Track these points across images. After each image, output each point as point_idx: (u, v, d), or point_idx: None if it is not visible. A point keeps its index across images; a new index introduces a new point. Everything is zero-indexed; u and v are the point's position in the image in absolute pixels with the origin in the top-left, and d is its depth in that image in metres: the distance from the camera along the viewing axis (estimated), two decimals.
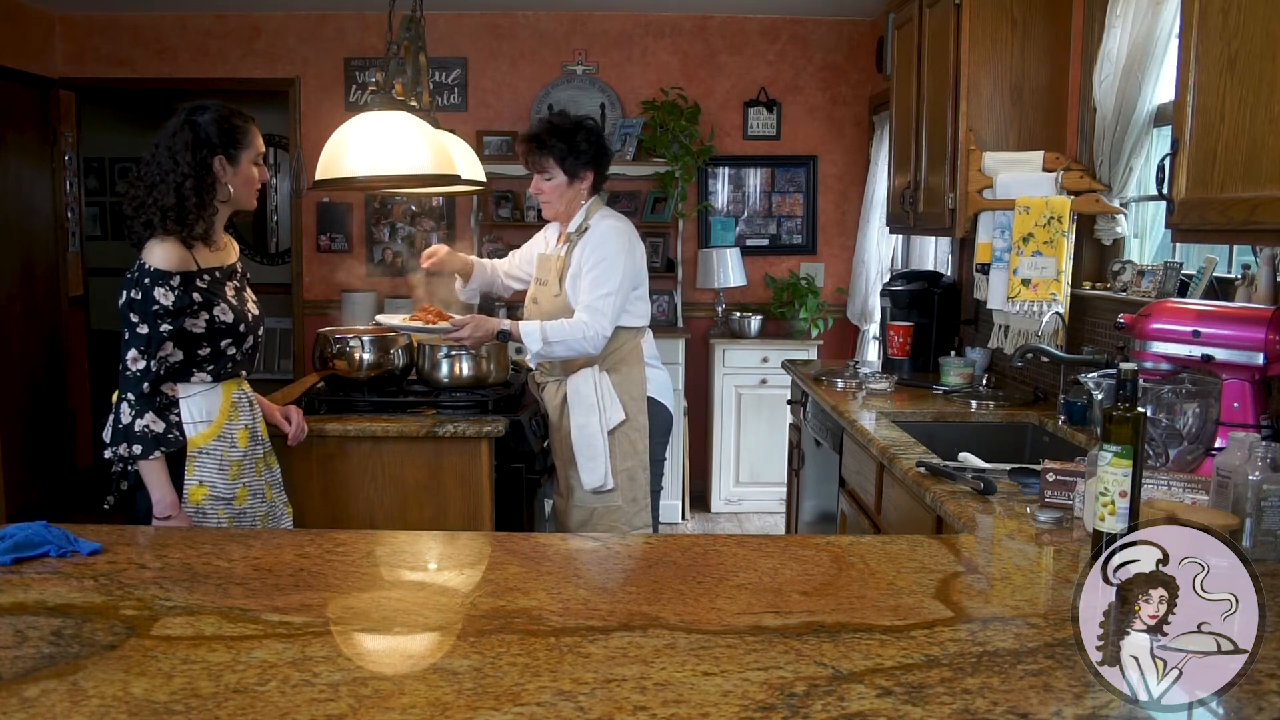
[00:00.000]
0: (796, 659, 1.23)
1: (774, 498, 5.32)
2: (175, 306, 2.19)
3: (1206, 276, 2.55)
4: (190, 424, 2.27)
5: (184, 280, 2.21)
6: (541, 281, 3.09)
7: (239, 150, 2.27)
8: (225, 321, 2.29)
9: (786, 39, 5.77)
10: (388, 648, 1.33)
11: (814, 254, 5.91)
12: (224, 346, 2.30)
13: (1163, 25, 2.74)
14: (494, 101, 5.81)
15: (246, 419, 2.38)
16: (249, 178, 2.31)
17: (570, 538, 1.79)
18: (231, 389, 2.37)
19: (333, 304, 5.78)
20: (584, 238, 2.96)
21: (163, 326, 2.18)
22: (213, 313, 2.26)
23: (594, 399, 2.95)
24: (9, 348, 5.27)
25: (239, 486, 2.32)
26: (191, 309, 2.22)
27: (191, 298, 2.23)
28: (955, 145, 3.32)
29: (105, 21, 5.66)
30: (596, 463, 2.95)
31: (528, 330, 2.85)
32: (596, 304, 2.87)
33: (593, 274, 2.90)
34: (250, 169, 2.31)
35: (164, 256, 2.19)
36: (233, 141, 2.26)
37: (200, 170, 2.22)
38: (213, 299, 2.27)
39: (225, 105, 2.30)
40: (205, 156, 2.23)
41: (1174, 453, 2.06)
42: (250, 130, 2.31)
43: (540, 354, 2.88)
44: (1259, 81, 1.71)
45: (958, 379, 3.44)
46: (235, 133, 2.27)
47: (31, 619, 1.35)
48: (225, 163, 2.27)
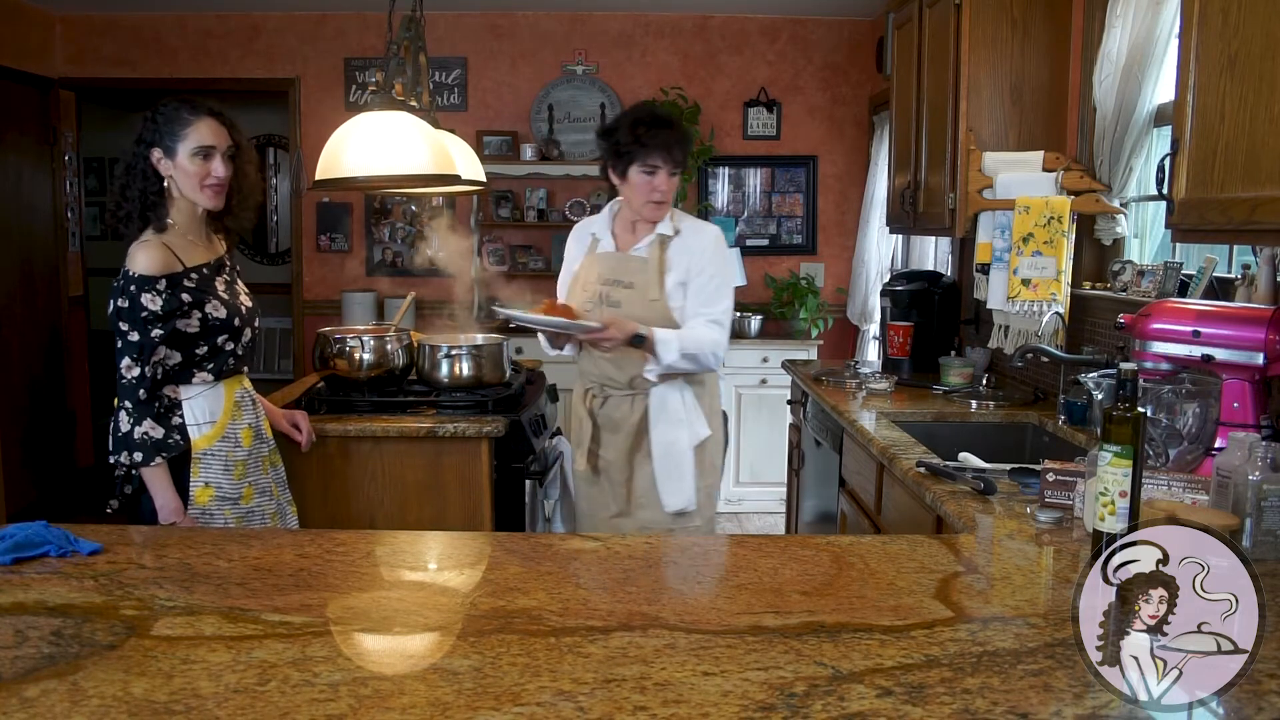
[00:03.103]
0: (796, 659, 1.23)
1: (774, 498, 5.32)
2: (164, 310, 2.16)
3: (1206, 276, 2.55)
4: (194, 425, 2.25)
5: (170, 283, 2.18)
6: (625, 284, 2.71)
7: (175, 142, 2.18)
8: (218, 318, 2.25)
9: (786, 39, 5.77)
10: (388, 648, 1.33)
11: (814, 254, 5.91)
12: (221, 343, 2.27)
13: (1163, 25, 2.74)
14: (494, 101, 5.81)
15: (250, 418, 2.37)
16: (189, 171, 2.20)
17: (570, 538, 1.79)
18: (234, 387, 2.34)
19: (333, 304, 5.78)
20: (685, 241, 2.70)
21: (154, 332, 2.16)
22: (205, 310, 2.23)
23: (682, 413, 2.72)
24: (9, 348, 5.27)
25: (245, 485, 2.31)
26: (182, 310, 2.19)
27: (180, 299, 2.19)
28: (955, 145, 3.32)
29: (105, 21, 5.66)
30: (684, 483, 2.72)
31: (664, 339, 2.59)
32: (720, 318, 2.67)
33: (714, 283, 2.68)
34: (190, 162, 2.19)
35: (147, 261, 2.16)
36: (170, 134, 2.18)
37: (144, 161, 2.19)
38: (203, 297, 2.23)
39: (184, 97, 2.24)
40: (144, 151, 2.19)
41: (1174, 453, 2.06)
42: (193, 121, 2.19)
43: (670, 366, 2.62)
44: (1259, 81, 1.71)
45: (958, 379, 3.44)
46: (175, 124, 2.18)
47: (31, 619, 1.35)
48: (162, 155, 2.20)
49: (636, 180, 2.66)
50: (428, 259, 5.85)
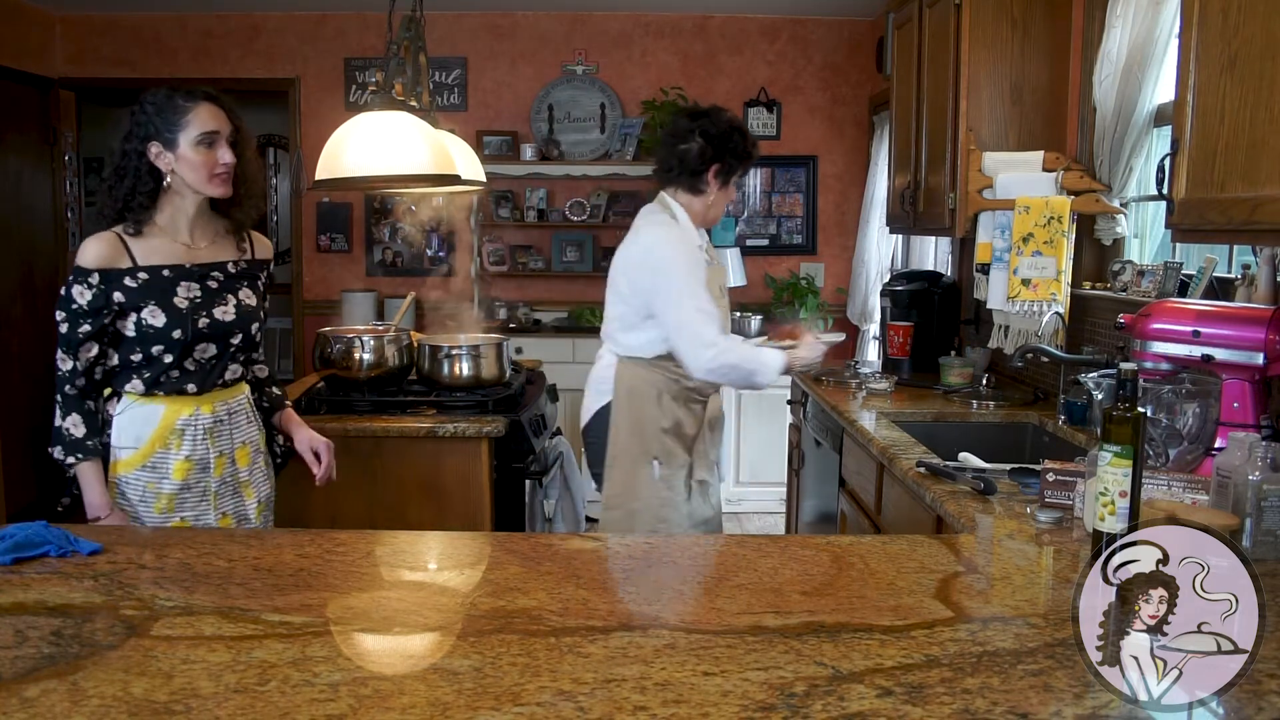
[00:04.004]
0: (796, 659, 1.23)
1: (774, 498, 5.32)
2: (91, 306, 2.03)
3: (1206, 276, 2.55)
4: (116, 447, 2.10)
5: (106, 278, 2.04)
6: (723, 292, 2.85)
7: (175, 132, 2.06)
8: (153, 325, 2.07)
9: (786, 39, 5.77)
10: (388, 648, 1.33)
11: (814, 254, 5.91)
12: (157, 353, 2.09)
13: (1163, 25, 2.74)
14: (494, 101, 5.81)
15: (193, 449, 2.13)
16: (194, 161, 2.08)
17: (570, 538, 1.79)
18: (181, 411, 2.13)
19: (333, 304, 5.78)
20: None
21: (82, 327, 2.03)
22: (140, 315, 2.06)
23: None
24: (9, 347, 5.27)
25: (175, 520, 2.12)
26: (111, 308, 2.05)
27: (111, 298, 2.04)
28: (955, 145, 3.32)
29: (105, 21, 5.66)
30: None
31: None
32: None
33: None
34: (194, 151, 2.07)
35: (89, 252, 2.04)
36: (168, 124, 2.06)
37: (138, 158, 2.07)
38: (142, 300, 2.06)
39: (174, 84, 2.14)
40: (139, 145, 2.07)
41: (1174, 453, 2.06)
42: (192, 109, 2.08)
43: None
44: (1259, 81, 1.71)
45: (958, 379, 3.44)
46: (171, 113, 2.07)
47: (31, 619, 1.35)
48: (162, 148, 2.07)
49: (732, 189, 2.76)
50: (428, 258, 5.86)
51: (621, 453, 2.72)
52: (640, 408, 2.69)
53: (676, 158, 2.70)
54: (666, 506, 2.72)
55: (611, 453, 2.74)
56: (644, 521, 2.70)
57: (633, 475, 2.71)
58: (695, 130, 2.68)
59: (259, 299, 2.28)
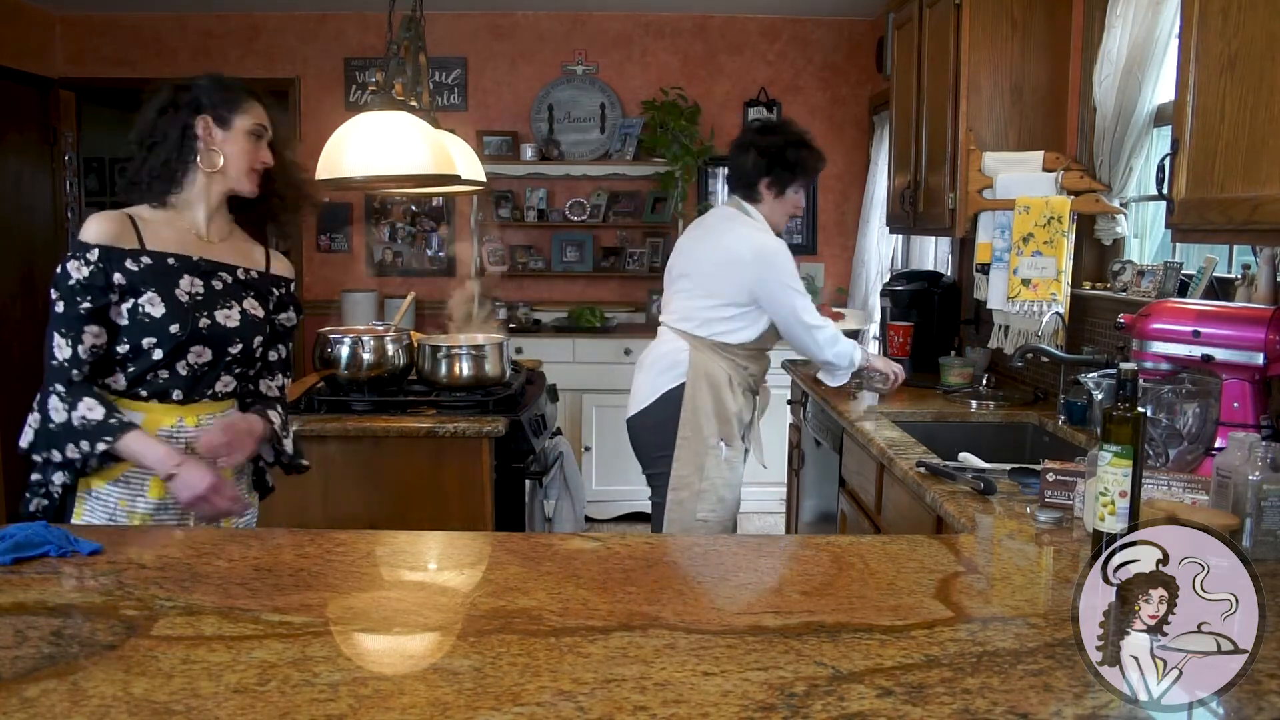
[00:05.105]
0: (796, 659, 1.23)
1: (774, 498, 5.32)
2: (90, 282, 1.85)
3: (1206, 276, 2.55)
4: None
5: (106, 256, 1.87)
6: None
7: (232, 113, 1.96)
8: (150, 314, 1.88)
9: (786, 39, 5.77)
10: (388, 648, 1.33)
11: (814, 254, 5.91)
12: (147, 346, 1.90)
13: (1163, 25, 2.74)
14: (494, 101, 5.81)
15: None
16: (242, 148, 1.98)
17: (570, 538, 1.79)
18: (162, 420, 1.94)
19: (333, 304, 5.78)
20: None
21: (82, 304, 1.85)
22: (138, 301, 1.88)
23: None
24: (9, 348, 5.27)
25: None
26: (110, 288, 1.87)
27: (110, 278, 1.86)
28: (955, 145, 3.32)
29: (105, 21, 5.66)
30: None
31: None
32: None
33: None
34: (245, 138, 1.98)
35: (91, 228, 1.89)
36: (226, 103, 1.96)
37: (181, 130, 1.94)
38: (143, 285, 1.89)
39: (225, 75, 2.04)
40: (187, 116, 1.95)
41: (1174, 453, 2.06)
42: (250, 100, 2.00)
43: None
44: (1259, 81, 1.71)
45: (958, 379, 3.43)
46: (231, 94, 1.97)
47: (31, 619, 1.35)
48: (211, 124, 1.96)
49: (791, 198, 3.01)
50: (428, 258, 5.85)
51: (693, 434, 2.94)
52: (717, 392, 2.95)
53: (735, 168, 3.04)
54: (728, 487, 3.01)
55: (683, 434, 2.95)
56: (708, 501, 2.97)
57: (703, 456, 2.95)
58: (751, 144, 2.99)
59: (266, 314, 2.09)
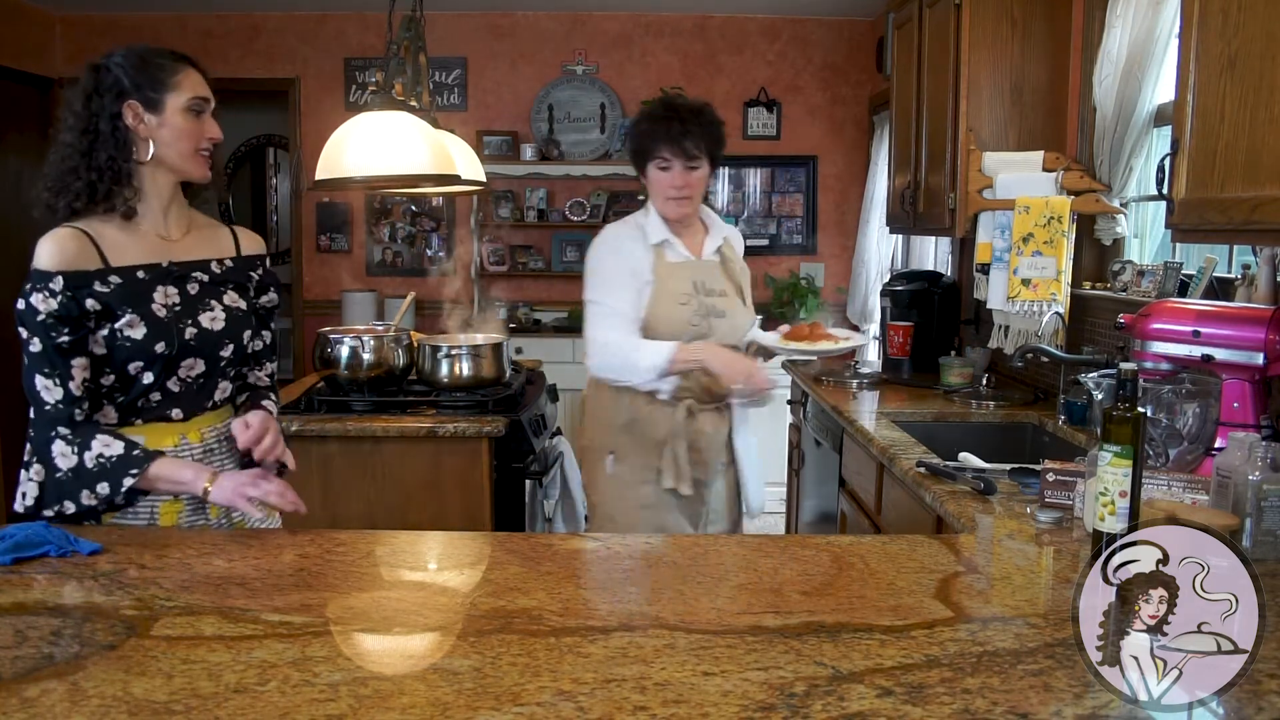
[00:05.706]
0: (796, 659, 1.23)
1: (774, 498, 5.31)
2: (63, 312, 1.66)
3: (1206, 276, 2.55)
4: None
5: (70, 282, 1.67)
6: (719, 293, 2.60)
7: (161, 92, 1.71)
8: (130, 338, 1.69)
9: (786, 39, 5.77)
10: (388, 648, 1.33)
11: (814, 254, 5.92)
12: (134, 372, 1.72)
13: (1163, 25, 2.74)
14: (494, 101, 5.81)
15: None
16: (182, 129, 1.73)
17: (570, 538, 1.79)
18: (163, 441, 1.77)
19: (333, 304, 5.78)
20: (732, 243, 2.70)
21: (59, 339, 1.66)
22: (116, 326, 1.69)
23: (751, 416, 2.80)
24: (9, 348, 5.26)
25: None
26: (84, 317, 1.68)
27: (83, 305, 1.67)
28: (955, 145, 3.32)
29: (105, 21, 5.66)
30: (760, 482, 2.78)
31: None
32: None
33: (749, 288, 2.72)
34: (182, 118, 1.73)
35: (47, 253, 1.69)
36: (152, 82, 1.71)
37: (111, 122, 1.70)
38: (119, 307, 1.70)
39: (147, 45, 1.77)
40: (112, 105, 1.70)
41: (1174, 453, 2.06)
42: (181, 68, 1.74)
43: None
44: (1259, 81, 1.71)
45: (958, 379, 3.44)
46: (157, 70, 1.72)
47: (31, 619, 1.35)
48: (141, 110, 1.71)
49: (654, 177, 2.54)
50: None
51: (587, 443, 2.70)
52: (598, 399, 2.63)
53: None
54: (617, 505, 2.59)
55: (579, 443, 2.79)
56: (599, 517, 2.63)
57: (594, 467, 2.65)
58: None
59: (250, 303, 1.90)
